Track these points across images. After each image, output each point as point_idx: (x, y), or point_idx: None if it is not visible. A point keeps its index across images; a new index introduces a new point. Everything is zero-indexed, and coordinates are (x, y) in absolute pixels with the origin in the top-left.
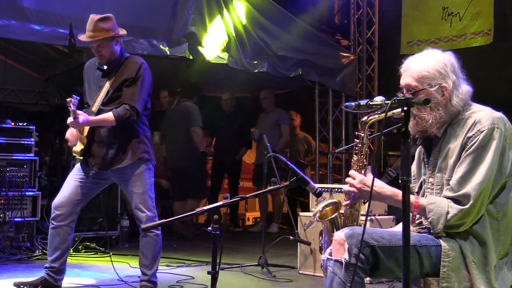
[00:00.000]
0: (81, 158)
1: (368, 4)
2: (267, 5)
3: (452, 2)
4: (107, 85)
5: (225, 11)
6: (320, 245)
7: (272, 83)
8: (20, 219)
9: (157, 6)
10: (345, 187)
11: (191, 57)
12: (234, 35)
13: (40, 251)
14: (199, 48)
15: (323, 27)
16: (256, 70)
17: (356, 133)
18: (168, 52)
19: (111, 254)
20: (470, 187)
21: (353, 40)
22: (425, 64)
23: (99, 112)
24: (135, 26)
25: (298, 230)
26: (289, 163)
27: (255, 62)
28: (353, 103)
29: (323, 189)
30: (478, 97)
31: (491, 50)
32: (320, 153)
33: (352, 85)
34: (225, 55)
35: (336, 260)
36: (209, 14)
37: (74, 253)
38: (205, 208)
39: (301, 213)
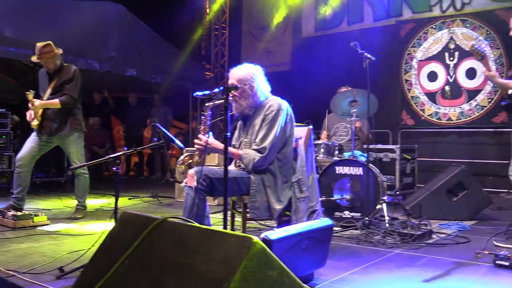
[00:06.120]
0: (37, 128)
1: (222, 44)
2: (159, 43)
3: (270, 42)
4: (52, 84)
5: (136, 41)
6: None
7: (164, 89)
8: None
9: (91, 36)
10: (196, 146)
11: (112, 72)
12: (140, 58)
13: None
14: (118, 66)
15: (195, 56)
16: (153, 81)
17: (202, 112)
18: (98, 68)
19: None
20: (267, 143)
21: (213, 64)
22: (242, 71)
23: (48, 100)
24: (76, 49)
25: (176, 174)
26: (163, 129)
27: (153, 75)
28: (201, 92)
29: (187, 149)
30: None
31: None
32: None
33: None
34: (134, 71)
35: (189, 187)
36: (124, 42)
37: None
38: (111, 156)
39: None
